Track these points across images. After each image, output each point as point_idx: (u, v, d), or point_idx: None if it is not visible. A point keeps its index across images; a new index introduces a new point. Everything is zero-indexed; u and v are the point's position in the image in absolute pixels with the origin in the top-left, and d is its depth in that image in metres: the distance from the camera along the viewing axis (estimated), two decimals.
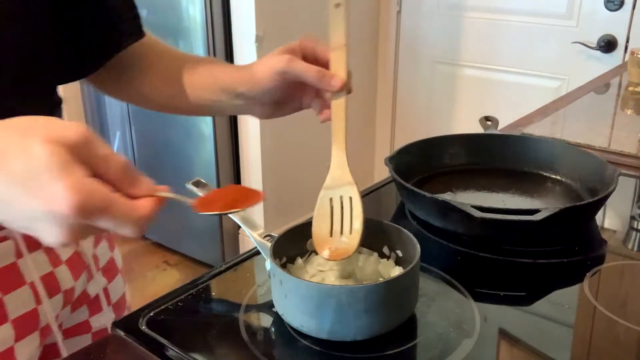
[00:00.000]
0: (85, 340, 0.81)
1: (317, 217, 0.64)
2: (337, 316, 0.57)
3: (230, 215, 0.71)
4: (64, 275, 0.74)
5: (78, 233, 0.42)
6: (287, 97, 0.73)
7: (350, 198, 0.64)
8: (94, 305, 0.81)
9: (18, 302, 0.69)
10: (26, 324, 0.70)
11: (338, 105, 0.66)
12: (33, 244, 0.70)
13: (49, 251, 0.73)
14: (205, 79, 0.75)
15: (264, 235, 0.70)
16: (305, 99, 0.73)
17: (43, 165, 0.40)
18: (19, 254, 0.68)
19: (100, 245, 0.82)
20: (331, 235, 0.63)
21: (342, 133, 0.66)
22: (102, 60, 0.75)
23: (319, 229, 0.63)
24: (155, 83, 0.79)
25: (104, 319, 0.83)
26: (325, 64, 0.68)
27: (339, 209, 0.63)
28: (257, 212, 2.43)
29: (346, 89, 0.66)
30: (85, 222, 0.41)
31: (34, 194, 0.40)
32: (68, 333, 0.78)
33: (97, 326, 0.82)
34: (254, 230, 0.71)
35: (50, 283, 0.72)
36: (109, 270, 0.84)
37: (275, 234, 0.67)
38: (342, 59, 0.66)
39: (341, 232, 0.63)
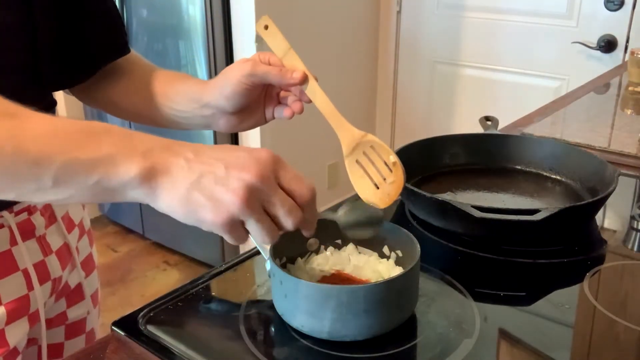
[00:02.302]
0: (59, 332, 0.84)
1: (356, 183, 0.66)
2: (337, 316, 0.57)
3: None
4: (54, 265, 0.77)
5: (251, 201, 0.51)
6: (251, 107, 0.75)
7: (372, 146, 0.66)
8: (72, 297, 0.84)
9: (11, 287, 0.71)
10: (18, 308, 0.72)
11: (312, 89, 0.70)
12: (26, 232, 0.73)
13: (41, 240, 0.75)
14: (173, 89, 0.78)
15: None
16: (268, 110, 0.76)
17: (255, 153, 0.53)
18: (14, 242, 0.71)
19: (82, 239, 0.85)
20: (378, 187, 0.65)
21: (329, 105, 0.69)
22: (91, 71, 0.78)
23: (365, 191, 0.65)
24: (125, 92, 0.81)
25: (80, 312, 0.86)
26: None
27: (369, 163, 0.66)
28: None
29: (308, 78, 0.70)
30: (261, 187, 0.51)
31: (240, 153, 0.53)
32: (48, 324, 0.80)
33: (72, 317, 0.85)
34: None
35: (42, 271, 0.75)
36: (87, 265, 0.86)
37: None
38: (294, 58, 0.70)
39: (384, 178, 0.65)
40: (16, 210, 0.71)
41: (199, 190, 0.51)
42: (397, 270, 0.66)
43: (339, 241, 0.70)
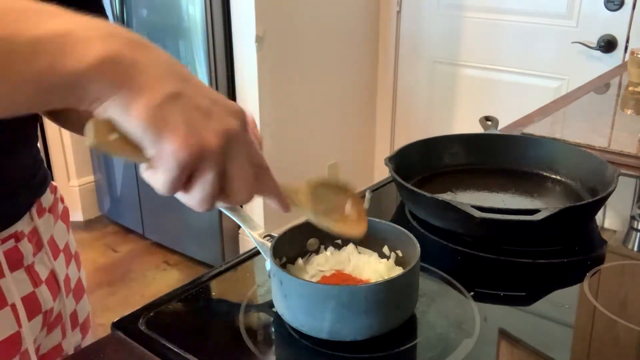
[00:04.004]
0: None
1: (335, 227, 0.59)
2: (337, 316, 0.57)
3: (229, 214, 0.72)
4: (45, 296, 0.72)
5: (227, 148, 0.42)
6: None
7: (323, 184, 0.60)
8: (65, 327, 0.79)
9: (1, 326, 0.66)
10: (8, 349, 0.67)
11: None
12: (14, 262, 0.68)
13: (30, 270, 0.70)
14: None
15: (264, 235, 0.70)
16: None
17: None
18: (1, 274, 0.66)
19: (70, 265, 0.80)
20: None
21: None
22: None
23: (345, 229, 0.60)
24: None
25: (73, 341, 0.80)
26: None
27: (328, 203, 0.59)
28: (257, 212, 2.43)
29: None
30: (242, 140, 0.42)
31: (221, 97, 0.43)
32: (43, 359, 0.75)
33: (66, 347, 0.79)
34: (254, 230, 0.71)
35: (31, 304, 0.70)
36: (78, 291, 0.82)
37: (275, 234, 0.67)
38: None
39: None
40: (3, 237, 0.66)
41: (176, 107, 0.39)
42: (397, 270, 0.66)
43: (338, 241, 0.70)
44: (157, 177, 0.41)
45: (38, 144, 0.76)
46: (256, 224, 0.72)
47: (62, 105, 0.39)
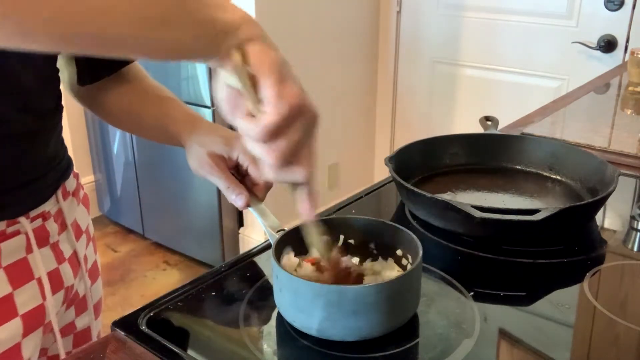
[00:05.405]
0: (68, 342, 0.83)
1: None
2: (327, 315, 0.57)
3: (251, 210, 0.74)
4: (67, 273, 0.77)
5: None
6: None
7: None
8: (80, 306, 0.83)
9: (27, 297, 0.71)
10: (33, 320, 0.71)
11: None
12: (41, 239, 0.72)
13: (55, 247, 0.75)
14: (159, 134, 0.86)
15: (278, 229, 0.70)
16: None
17: None
18: (29, 249, 0.71)
19: (88, 247, 0.85)
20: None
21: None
22: (100, 77, 0.82)
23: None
24: (120, 102, 0.84)
25: (86, 320, 0.85)
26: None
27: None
28: None
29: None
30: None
31: None
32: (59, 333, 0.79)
33: (80, 326, 0.84)
34: (271, 225, 0.71)
35: (56, 279, 0.75)
36: (93, 273, 0.86)
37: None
38: None
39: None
40: (32, 215, 0.71)
41: (290, 68, 0.51)
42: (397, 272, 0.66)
43: (352, 241, 0.69)
44: (260, 121, 0.49)
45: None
46: (274, 219, 0.72)
47: (210, 49, 0.49)
